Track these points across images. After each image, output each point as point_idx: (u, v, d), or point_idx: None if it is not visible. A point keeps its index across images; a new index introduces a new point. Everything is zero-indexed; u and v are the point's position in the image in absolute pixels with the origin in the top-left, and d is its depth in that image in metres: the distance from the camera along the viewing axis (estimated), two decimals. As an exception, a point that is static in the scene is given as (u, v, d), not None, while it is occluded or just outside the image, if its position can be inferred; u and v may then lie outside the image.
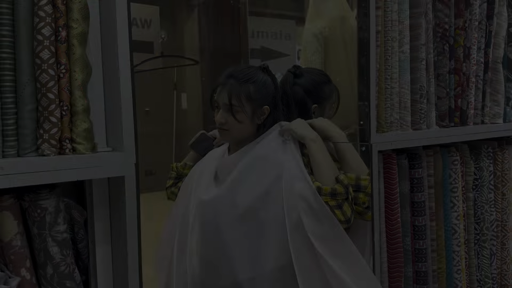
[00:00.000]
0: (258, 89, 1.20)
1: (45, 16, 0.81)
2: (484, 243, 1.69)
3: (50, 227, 0.85)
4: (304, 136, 1.17)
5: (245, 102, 1.18)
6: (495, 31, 1.69)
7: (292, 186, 1.12)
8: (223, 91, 1.19)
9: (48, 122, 0.83)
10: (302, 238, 1.09)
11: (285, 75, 1.41)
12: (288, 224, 1.10)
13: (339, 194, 1.08)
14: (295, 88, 1.37)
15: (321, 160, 1.14)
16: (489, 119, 1.72)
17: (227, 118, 1.19)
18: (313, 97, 1.36)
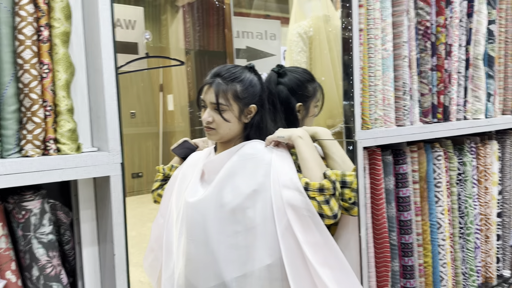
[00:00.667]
0: (245, 88, 1.20)
1: (27, 15, 0.80)
2: (468, 236, 1.72)
3: (35, 229, 0.84)
4: (290, 134, 1.18)
5: (232, 101, 1.18)
6: (475, 29, 1.72)
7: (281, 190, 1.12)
8: (210, 90, 1.19)
9: (31, 122, 0.82)
10: (293, 242, 1.10)
11: (269, 74, 1.42)
12: (278, 226, 1.11)
13: (326, 190, 1.09)
14: (279, 87, 1.38)
15: (309, 156, 1.15)
16: (471, 115, 1.74)
17: (214, 117, 1.19)
18: (297, 96, 1.38)
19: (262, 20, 2.56)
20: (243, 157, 1.18)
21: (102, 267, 0.98)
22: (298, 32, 1.94)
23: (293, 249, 1.10)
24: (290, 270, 1.09)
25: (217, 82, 1.19)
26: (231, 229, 1.14)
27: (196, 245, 1.17)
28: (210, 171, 1.22)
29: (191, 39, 3.84)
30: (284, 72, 1.40)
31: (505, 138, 1.93)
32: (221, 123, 1.19)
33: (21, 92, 0.82)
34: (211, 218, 1.15)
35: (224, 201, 1.14)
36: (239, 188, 1.14)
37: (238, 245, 1.13)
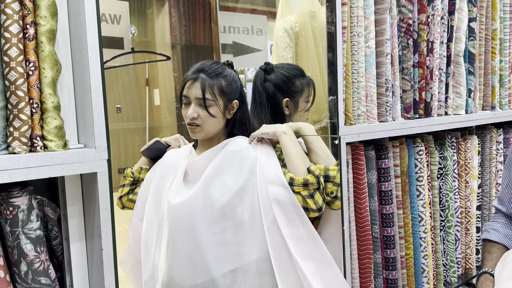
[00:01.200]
0: (229, 83, 1.21)
1: (12, 13, 0.81)
2: (449, 229, 1.77)
3: (23, 225, 0.85)
4: (275, 130, 1.20)
5: (218, 96, 1.18)
6: (456, 26, 1.76)
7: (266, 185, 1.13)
8: (195, 85, 1.18)
9: (18, 119, 0.83)
10: (278, 236, 1.12)
11: (257, 72, 1.44)
12: (265, 221, 1.12)
13: (311, 184, 1.12)
14: (266, 84, 1.40)
15: (293, 151, 1.17)
16: (452, 110, 1.79)
17: (199, 112, 1.18)
18: (284, 92, 1.40)
19: (248, 15, 2.57)
20: (228, 154, 1.18)
21: (89, 262, 1.00)
22: (284, 28, 1.96)
23: (279, 244, 1.12)
24: (276, 264, 1.11)
25: (202, 77, 1.18)
26: (220, 226, 1.14)
27: (181, 243, 1.16)
28: (195, 170, 1.21)
29: (177, 33, 3.83)
30: (271, 69, 1.42)
31: (485, 133, 1.99)
32: (206, 119, 1.18)
33: (8, 90, 0.82)
34: (198, 216, 1.15)
35: (212, 199, 1.14)
36: (227, 185, 1.15)
37: (226, 241, 1.14)
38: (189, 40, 3.78)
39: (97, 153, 0.90)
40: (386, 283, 1.54)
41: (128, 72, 4.48)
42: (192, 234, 1.15)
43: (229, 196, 1.14)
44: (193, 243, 1.15)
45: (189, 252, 1.16)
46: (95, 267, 0.96)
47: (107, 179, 0.91)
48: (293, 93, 1.41)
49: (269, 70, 1.42)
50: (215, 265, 1.14)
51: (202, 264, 1.14)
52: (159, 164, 1.28)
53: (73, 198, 0.98)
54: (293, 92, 1.41)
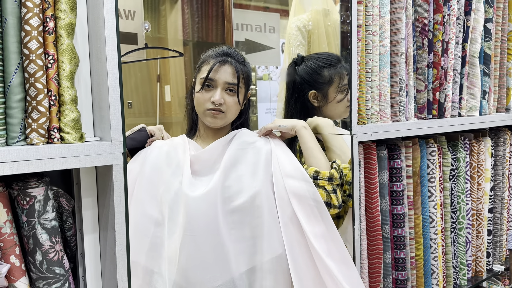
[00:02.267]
0: (250, 72, 1.17)
1: (33, 6, 0.82)
2: (460, 231, 1.76)
3: (39, 215, 0.86)
4: (294, 124, 1.16)
5: (243, 83, 1.14)
6: (472, 27, 1.74)
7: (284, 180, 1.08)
8: (224, 68, 1.10)
9: (36, 111, 0.84)
10: (296, 232, 1.07)
11: (289, 65, 1.44)
12: (281, 217, 1.07)
13: (335, 179, 1.10)
14: (294, 77, 1.39)
15: (314, 145, 1.14)
16: (465, 111, 1.77)
17: (225, 98, 1.11)
18: (310, 84, 1.37)
19: (261, 12, 2.57)
20: (242, 145, 1.12)
21: (102, 254, 1.01)
22: (297, 26, 1.96)
23: (296, 240, 1.07)
24: (292, 262, 1.06)
25: (234, 62, 1.11)
26: (238, 221, 1.09)
27: (200, 240, 1.08)
28: (203, 162, 1.14)
29: (190, 30, 3.84)
30: (300, 62, 1.40)
31: (498, 135, 1.97)
32: (232, 106, 1.12)
33: (27, 82, 0.84)
34: (217, 211, 1.08)
35: (230, 192, 1.09)
36: (243, 178, 1.10)
37: (245, 236, 1.08)
38: (202, 37, 3.79)
39: (113, 146, 0.91)
40: (396, 283, 1.54)
41: (140, 68, 4.51)
42: (211, 229, 1.07)
43: (247, 189, 1.09)
44: (213, 239, 1.07)
45: (208, 249, 1.07)
46: (108, 259, 0.98)
47: (122, 172, 0.92)
48: (320, 84, 1.37)
49: (299, 62, 1.40)
50: (235, 262, 1.07)
51: (223, 262, 1.07)
52: (146, 156, 1.16)
53: (87, 190, 0.99)
54: (320, 83, 1.37)
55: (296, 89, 1.38)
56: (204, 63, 1.16)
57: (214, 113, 1.14)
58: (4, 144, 0.83)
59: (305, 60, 1.42)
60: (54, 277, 0.88)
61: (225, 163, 1.11)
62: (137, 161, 1.17)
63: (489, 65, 1.83)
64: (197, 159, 1.15)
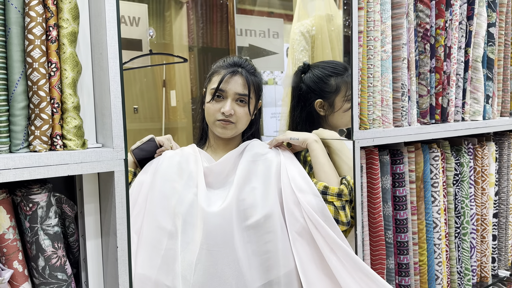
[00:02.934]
0: (260, 82, 1.17)
1: (36, 16, 0.83)
2: (464, 236, 1.75)
3: (41, 221, 0.88)
4: (306, 137, 1.15)
5: (254, 94, 1.14)
6: (475, 31, 1.74)
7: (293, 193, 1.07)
8: (235, 79, 1.10)
9: (39, 119, 0.85)
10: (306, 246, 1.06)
11: (295, 72, 1.43)
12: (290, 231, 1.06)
13: (344, 195, 1.09)
14: (300, 85, 1.37)
15: (325, 160, 1.13)
16: (469, 116, 1.77)
17: (236, 109, 1.11)
18: (316, 93, 1.36)
19: (265, 18, 2.58)
20: (254, 157, 1.12)
21: (104, 259, 1.02)
22: (300, 31, 1.97)
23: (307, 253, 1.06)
24: (304, 275, 1.05)
25: (245, 73, 1.12)
26: (254, 236, 1.08)
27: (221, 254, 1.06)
28: (216, 174, 1.14)
29: (195, 36, 3.87)
30: (307, 70, 1.39)
31: (503, 139, 1.96)
32: (242, 116, 1.12)
33: (30, 90, 0.85)
34: (233, 226, 1.07)
35: (244, 208, 1.08)
36: (257, 193, 1.09)
37: (260, 251, 1.07)
38: (206, 42, 3.82)
39: (115, 153, 0.92)
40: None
41: (145, 74, 4.54)
42: (228, 245, 1.06)
43: (261, 204, 1.08)
44: (229, 254, 1.06)
45: (224, 264, 1.05)
46: (110, 264, 0.98)
47: (124, 178, 0.93)
48: (327, 93, 1.36)
49: (305, 70, 1.39)
50: (250, 278, 1.06)
51: (239, 278, 1.05)
52: (157, 167, 1.16)
53: (90, 196, 1.00)
54: (326, 92, 1.36)
55: (302, 97, 1.37)
56: (214, 74, 1.16)
57: (224, 124, 1.13)
58: (8, 151, 0.85)
59: (311, 68, 1.42)
60: (57, 283, 0.89)
61: (239, 177, 1.10)
62: (148, 172, 1.15)
63: (492, 70, 1.83)
64: (210, 172, 1.14)
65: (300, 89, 1.38)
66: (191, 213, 1.09)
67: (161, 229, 1.08)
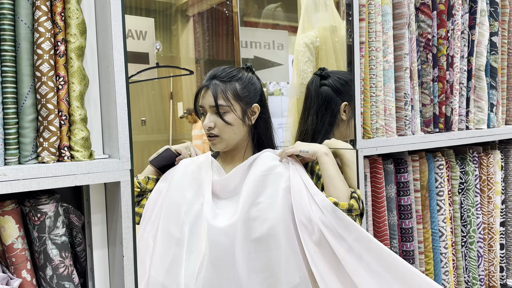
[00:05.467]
0: (244, 86, 1.13)
1: (45, 31, 0.86)
2: (471, 245, 1.74)
3: (49, 231, 0.89)
4: (316, 150, 1.13)
5: (233, 101, 1.11)
6: (477, 40, 1.76)
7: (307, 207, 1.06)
8: (207, 93, 1.11)
9: (47, 131, 0.88)
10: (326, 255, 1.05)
11: (311, 78, 1.42)
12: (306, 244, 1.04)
13: (354, 210, 1.07)
14: (323, 88, 1.36)
15: (335, 174, 1.11)
16: (473, 125, 1.77)
17: (215, 121, 1.11)
18: (342, 95, 1.36)
19: (269, 30, 2.61)
20: (262, 173, 1.10)
21: (111, 269, 1.03)
22: (305, 42, 1.99)
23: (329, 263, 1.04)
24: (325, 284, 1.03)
25: (214, 83, 1.11)
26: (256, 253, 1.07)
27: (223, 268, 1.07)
28: (224, 187, 1.15)
29: (201, 49, 3.92)
30: (327, 74, 1.38)
31: (508, 147, 1.96)
32: (223, 128, 1.11)
33: (39, 103, 0.88)
34: (238, 242, 1.07)
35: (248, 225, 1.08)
36: (262, 209, 1.08)
37: (263, 269, 1.07)
38: (212, 55, 3.87)
39: (121, 163, 0.94)
40: (405, 298, 1.52)
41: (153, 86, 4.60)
42: (229, 260, 1.07)
43: (264, 221, 1.07)
44: (230, 269, 1.07)
45: (224, 277, 1.07)
46: (116, 273, 1.00)
47: (130, 189, 0.95)
48: (351, 97, 1.36)
49: (325, 75, 1.39)
50: None
51: None
52: (173, 175, 1.19)
53: (97, 206, 1.02)
54: (351, 96, 1.35)
55: (325, 101, 1.35)
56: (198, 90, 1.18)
57: (210, 139, 1.15)
58: (17, 163, 0.87)
59: (331, 73, 1.42)
60: (64, 292, 0.91)
61: (245, 195, 1.10)
62: (166, 180, 1.19)
63: (496, 78, 1.83)
64: (219, 184, 1.16)
65: (320, 94, 1.36)
66: (197, 223, 1.12)
67: (170, 236, 1.11)
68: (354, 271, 1.02)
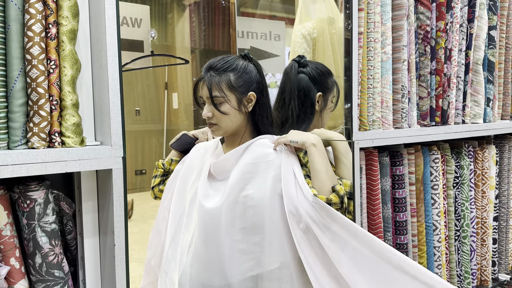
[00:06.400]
0: (239, 76, 1.17)
1: (36, 13, 0.84)
2: (464, 239, 1.74)
3: (39, 218, 0.88)
4: (304, 140, 1.14)
5: (227, 91, 1.15)
6: (475, 34, 1.74)
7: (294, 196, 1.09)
8: (204, 84, 1.17)
9: (38, 116, 0.86)
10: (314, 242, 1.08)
11: (290, 63, 1.42)
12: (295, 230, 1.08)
13: (334, 204, 1.08)
14: (300, 76, 1.36)
15: (321, 167, 1.11)
16: (469, 119, 1.77)
17: (212, 111, 1.17)
18: (318, 86, 1.36)
19: (266, 20, 2.59)
20: (253, 160, 1.15)
21: (102, 257, 1.02)
22: (302, 33, 1.97)
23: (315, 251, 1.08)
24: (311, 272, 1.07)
25: (209, 75, 1.16)
26: (242, 233, 1.12)
27: (208, 246, 1.16)
28: (218, 169, 1.21)
29: (197, 38, 3.88)
30: (305, 62, 1.39)
31: (503, 142, 1.95)
32: (220, 117, 1.16)
33: (29, 87, 0.85)
34: (223, 224, 1.13)
35: (236, 207, 1.13)
36: (251, 197, 1.12)
37: (247, 249, 1.12)
38: (208, 44, 3.83)
39: (113, 151, 0.92)
40: (398, 291, 1.52)
41: (147, 76, 4.56)
42: (216, 239, 1.14)
43: (253, 207, 1.11)
44: (218, 248, 1.14)
45: (212, 255, 1.15)
46: (107, 262, 0.98)
47: (122, 176, 0.93)
48: (326, 89, 1.37)
49: (304, 63, 1.39)
50: (235, 272, 1.12)
51: (222, 269, 1.13)
52: (187, 157, 1.29)
53: (88, 194, 1.00)
54: (325, 87, 1.37)
55: (302, 87, 1.36)
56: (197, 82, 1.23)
57: (209, 127, 1.21)
58: (6, 148, 0.85)
59: (309, 62, 1.41)
60: (53, 280, 0.89)
61: (232, 180, 1.14)
62: (182, 163, 1.30)
63: (493, 73, 1.83)
64: (214, 167, 1.23)
65: (301, 81, 1.37)
66: (193, 201, 1.21)
67: (176, 210, 1.22)
68: (338, 259, 1.06)
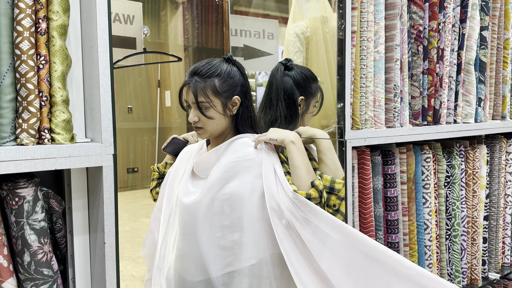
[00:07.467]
0: (223, 81, 1.18)
1: (26, 7, 0.83)
2: (455, 238, 1.75)
3: (28, 216, 0.86)
4: (283, 138, 1.17)
5: (213, 97, 1.17)
6: (468, 34, 1.75)
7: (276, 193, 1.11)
8: (189, 90, 1.18)
9: (27, 112, 0.84)
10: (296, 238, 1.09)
11: (276, 65, 1.44)
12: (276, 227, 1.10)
13: (313, 199, 1.10)
14: (285, 78, 1.39)
15: (299, 164, 1.14)
16: (461, 118, 1.77)
17: (198, 116, 1.18)
18: (301, 90, 1.39)
19: (260, 19, 2.58)
20: (233, 159, 1.17)
21: (92, 256, 1.00)
22: (295, 32, 1.97)
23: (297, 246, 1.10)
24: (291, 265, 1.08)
25: (194, 81, 1.18)
26: (222, 229, 1.14)
27: (186, 242, 1.19)
28: (200, 167, 1.23)
29: (190, 36, 3.86)
30: (291, 66, 1.42)
31: (494, 142, 1.97)
32: (206, 121, 1.18)
33: (18, 82, 0.84)
34: (201, 220, 1.16)
35: (216, 204, 1.15)
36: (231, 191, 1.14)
37: (227, 245, 1.14)
38: (201, 42, 3.82)
39: (103, 148, 0.91)
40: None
41: (140, 73, 4.53)
42: (196, 235, 1.16)
43: (232, 203, 1.13)
44: (196, 243, 1.16)
45: (192, 251, 1.18)
46: (97, 261, 0.97)
47: (112, 174, 0.92)
48: (309, 93, 1.41)
49: (290, 66, 1.42)
50: (214, 267, 1.15)
51: (202, 265, 1.16)
52: (174, 164, 1.33)
53: (78, 191, 0.99)
54: (308, 92, 1.41)
55: (287, 90, 1.38)
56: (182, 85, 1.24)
57: (196, 130, 1.24)
58: (-6, 144, 0.84)
59: (295, 66, 1.43)
60: (42, 278, 0.88)
61: (211, 179, 1.17)
62: (173, 165, 1.33)
63: (484, 73, 1.84)
64: (196, 165, 1.25)
65: (286, 83, 1.39)
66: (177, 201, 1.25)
67: (166, 210, 1.26)
68: (318, 252, 1.07)
